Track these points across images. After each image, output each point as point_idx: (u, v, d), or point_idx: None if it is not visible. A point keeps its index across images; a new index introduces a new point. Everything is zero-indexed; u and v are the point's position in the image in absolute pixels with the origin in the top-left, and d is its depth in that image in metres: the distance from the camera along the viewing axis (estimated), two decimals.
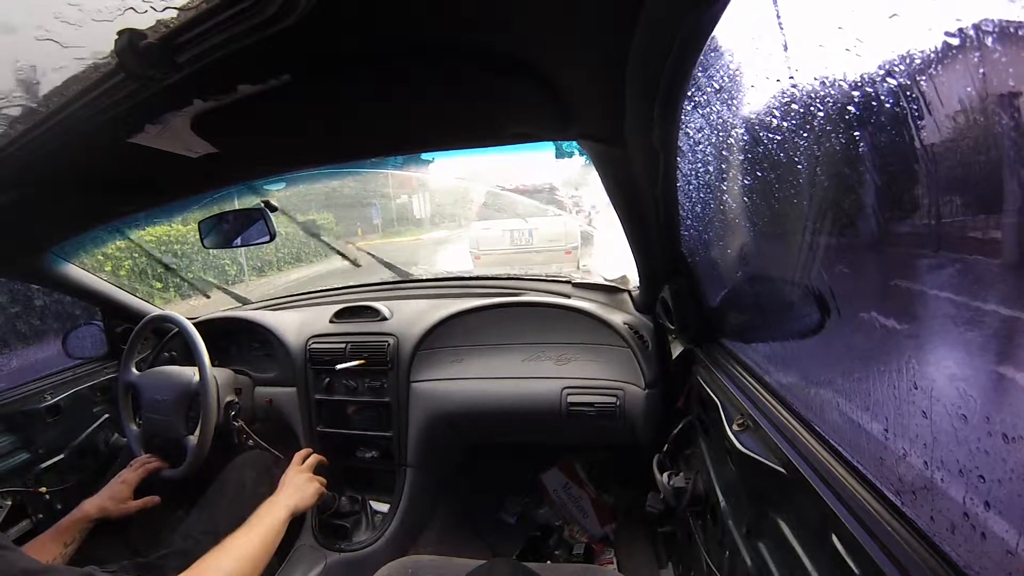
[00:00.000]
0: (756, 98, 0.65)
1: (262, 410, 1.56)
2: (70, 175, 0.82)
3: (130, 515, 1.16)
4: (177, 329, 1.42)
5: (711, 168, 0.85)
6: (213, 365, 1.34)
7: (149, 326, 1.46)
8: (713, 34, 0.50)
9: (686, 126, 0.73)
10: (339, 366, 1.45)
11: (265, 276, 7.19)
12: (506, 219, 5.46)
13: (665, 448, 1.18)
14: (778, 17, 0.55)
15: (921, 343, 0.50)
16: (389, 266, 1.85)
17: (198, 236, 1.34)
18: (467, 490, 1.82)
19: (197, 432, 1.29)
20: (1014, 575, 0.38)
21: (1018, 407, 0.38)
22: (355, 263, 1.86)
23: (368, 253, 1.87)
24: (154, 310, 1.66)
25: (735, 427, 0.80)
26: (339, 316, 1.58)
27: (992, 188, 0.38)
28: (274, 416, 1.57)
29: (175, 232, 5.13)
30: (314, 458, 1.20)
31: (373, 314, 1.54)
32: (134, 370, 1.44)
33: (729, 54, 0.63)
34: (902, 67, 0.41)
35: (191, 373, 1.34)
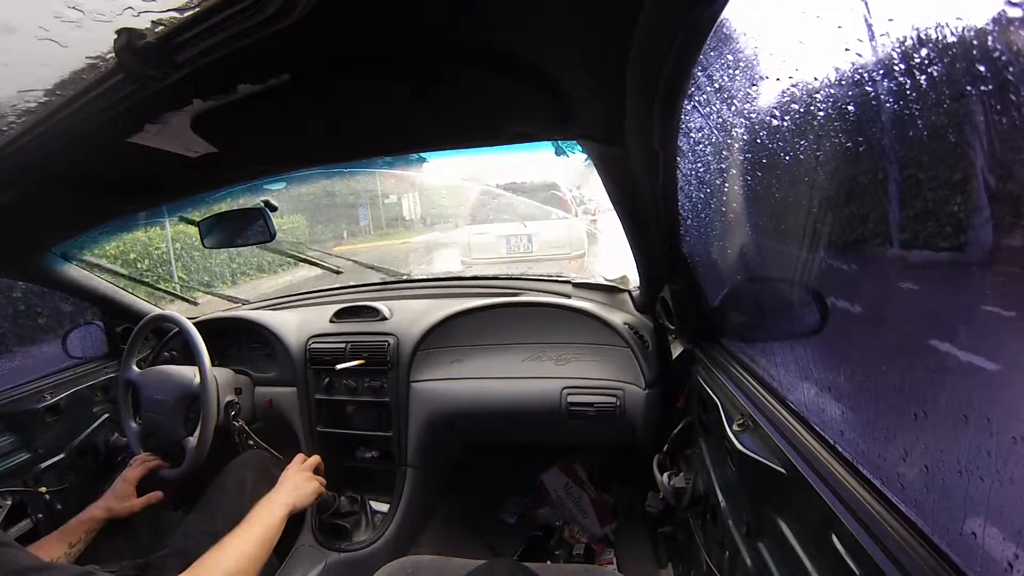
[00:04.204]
0: (756, 98, 0.65)
1: (262, 410, 1.56)
2: (70, 175, 0.82)
3: (135, 513, 1.16)
4: (177, 329, 1.41)
5: (711, 168, 0.85)
6: (213, 365, 1.33)
7: (149, 326, 1.46)
8: (713, 34, 0.50)
9: (686, 126, 0.73)
10: (339, 366, 1.44)
11: (214, 290, 6.27)
12: (503, 223, 4.91)
13: (665, 448, 1.18)
14: (778, 17, 0.55)
15: (921, 344, 0.50)
16: (376, 268, 1.83)
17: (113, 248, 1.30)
18: (467, 490, 1.82)
19: (197, 433, 1.29)
20: None
21: (1018, 408, 0.38)
22: (335, 270, 1.81)
23: (350, 259, 1.83)
24: (154, 310, 1.66)
25: (735, 427, 0.80)
26: (339, 316, 1.57)
27: (992, 188, 0.38)
28: (274, 416, 1.56)
29: None
30: (315, 459, 1.20)
31: (373, 314, 1.54)
32: (135, 367, 1.44)
33: (729, 54, 0.63)
34: (902, 66, 0.41)
35: (191, 373, 1.34)
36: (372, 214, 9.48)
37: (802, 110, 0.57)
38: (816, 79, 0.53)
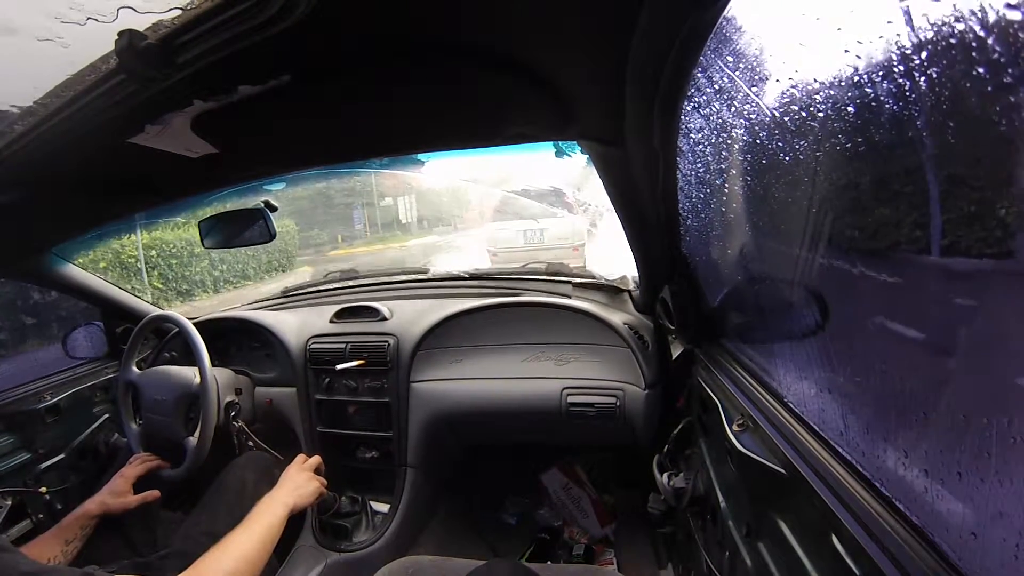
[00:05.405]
0: (756, 99, 0.65)
1: (262, 410, 1.56)
2: (71, 175, 0.82)
3: (130, 511, 1.16)
4: (177, 329, 1.42)
5: (711, 168, 0.85)
6: (213, 365, 1.34)
7: (150, 326, 1.46)
8: (713, 35, 0.50)
9: (686, 127, 0.73)
10: (339, 366, 1.44)
11: (194, 300, 5.87)
12: (520, 220, 6.01)
13: (665, 448, 1.18)
14: (778, 19, 0.55)
15: (921, 344, 0.50)
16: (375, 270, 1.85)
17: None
18: (467, 490, 1.82)
19: (197, 433, 1.29)
20: None
21: (1018, 409, 0.38)
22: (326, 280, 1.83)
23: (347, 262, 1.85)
24: (154, 310, 1.66)
25: (735, 427, 0.80)
26: (339, 316, 1.58)
27: (991, 189, 0.38)
28: (274, 416, 1.56)
29: None
30: (315, 459, 1.20)
31: (373, 314, 1.54)
32: (135, 369, 1.44)
33: (729, 55, 0.63)
34: (901, 68, 0.41)
35: (191, 373, 1.34)
36: (368, 217, 9.40)
37: (802, 111, 0.57)
38: (816, 80, 0.53)
